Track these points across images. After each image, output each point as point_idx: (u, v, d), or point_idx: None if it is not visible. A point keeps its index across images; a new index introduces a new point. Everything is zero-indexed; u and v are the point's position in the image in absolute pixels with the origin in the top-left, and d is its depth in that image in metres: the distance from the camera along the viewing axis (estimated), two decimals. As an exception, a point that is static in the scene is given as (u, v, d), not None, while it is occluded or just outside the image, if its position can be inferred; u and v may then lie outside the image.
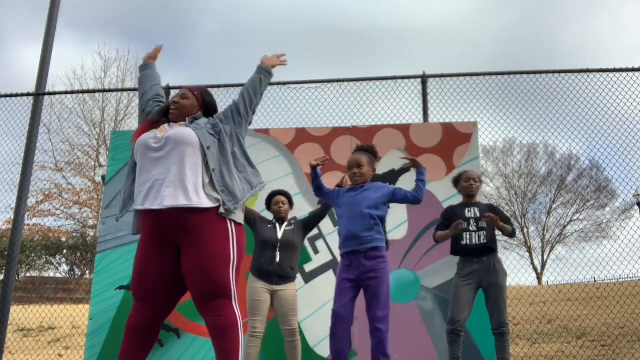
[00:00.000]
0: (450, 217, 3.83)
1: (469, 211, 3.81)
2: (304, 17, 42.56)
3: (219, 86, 5.64)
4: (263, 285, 3.85)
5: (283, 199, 4.12)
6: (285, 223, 4.08)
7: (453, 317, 3.60)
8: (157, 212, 2.25)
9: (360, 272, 3.15)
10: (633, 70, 5.25)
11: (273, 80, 2.88)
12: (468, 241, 3.72)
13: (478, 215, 3.76)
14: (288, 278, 3.91)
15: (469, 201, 3.89)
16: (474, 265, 3.69)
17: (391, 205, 4.81)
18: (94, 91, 15.65)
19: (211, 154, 2.35)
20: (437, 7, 40.17)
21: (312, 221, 4.16)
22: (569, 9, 38.12)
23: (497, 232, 3.87)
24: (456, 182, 3.98)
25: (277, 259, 3.85)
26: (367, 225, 3.16)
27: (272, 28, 39.49)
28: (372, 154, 3.47)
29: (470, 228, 3.75)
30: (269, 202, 4.16)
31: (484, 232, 3.72)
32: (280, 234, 3.97)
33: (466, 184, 3.89)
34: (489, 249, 3.72)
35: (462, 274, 3.72)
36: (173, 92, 5.62)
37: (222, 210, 2.27)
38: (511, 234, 3.84)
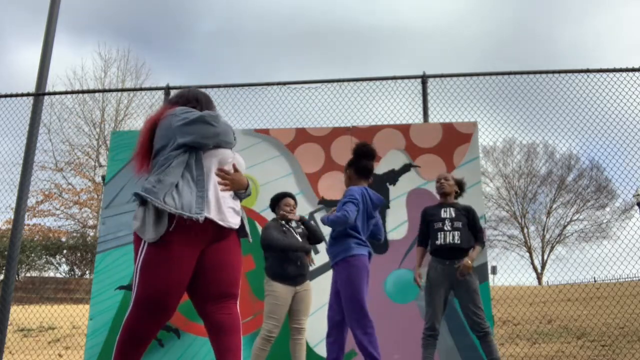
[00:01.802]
0: (425, 219, 3.94)
1: (444, 211, 3.87)
2: (303, 17, 42.59)
3: (218, 86, 5.63)
4: (288, 289, 3.88)
5: (293, 202, 4.13)
6: (294, 225, 4.10)
7: (433, 324, 3.65)
8: (218, 226, 2.26)
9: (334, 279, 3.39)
10: (633, 70, 5.24)
11: (273, 80, 2.91)
12: (442, 240, 3.76)
13: (453, 215, 3.80)
14: (306, 275, 4.01)
15: (445, 201, 3.93)
16: (445, 268, 3.71)
17: (391, 205, 4.83)
18: (94, 91, 15.62)
19: None
20: (437, 7, 40.21)
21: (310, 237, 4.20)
22: (568, 9, 38.14)
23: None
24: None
25: (299, 262, 3.92)
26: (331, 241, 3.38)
27: (272, 28, 39.53)
28: (354, 155, 3.56)
29: (445, 228, 3.79)
30: (277, 202, 4.14)
31: (458, 232, 3.74)
32: (300, 238, 4.02)
33: (437, 184, 3.97)
34: (462, 249, 3.72)
35: (433, 277, 3.75)
36: (173, 92, 5.61)
37: (245, 232, 2.42)
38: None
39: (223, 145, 2.33)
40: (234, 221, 2.32)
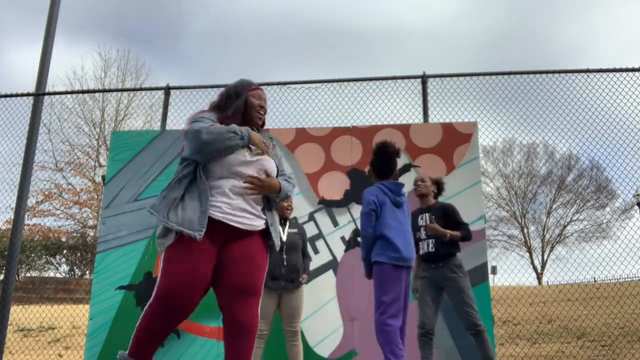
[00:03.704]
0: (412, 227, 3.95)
1: (421, 218, 3.89)
2: (303, 17, 42.60)
3: (218, 86, 5.62)
4: (271, 287, 3.85)
5: (289, 199, 4.09)
6: (287, 224, 4.07)
7: (421, 322, 3.71)
8: (236, 229, 2.28)
9: None
10: (633, 70, 5.24)
11: (273, 80, 2.90)
12: (421, 250, 3.83)
13: (428, 221, 3.82)
14: (295, 279, 3.93)
15: (423, 204, 3.94)
16: (430, 270, 3.77)
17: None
18: (94, 91, 15.64)
19: None
20: (436, 7, 40.22)
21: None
22: (568, 9, 38.14)
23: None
24: None
25: (285, 262, 3.86)
26: None
27: (271, 28, 39.53)
28: (373, 155, 3.60)
29: (421, 237, 3.83)
30: None
31: (433, 239, 3.77)
32: (284, 236, 3.97)
33: (414, 187, 3.98)
34: (440, 255, 3.73)
35: (422, 278, 3.82)
36: (173, 92, 5.61)
37: (270, 237, 2.43)
38: (463, 238, 3.76)
39: (218, 155, 2.27)
40: (251, 223, 2.32)
